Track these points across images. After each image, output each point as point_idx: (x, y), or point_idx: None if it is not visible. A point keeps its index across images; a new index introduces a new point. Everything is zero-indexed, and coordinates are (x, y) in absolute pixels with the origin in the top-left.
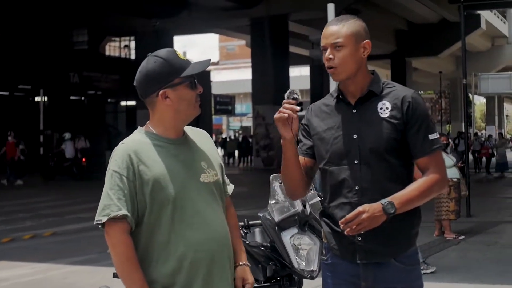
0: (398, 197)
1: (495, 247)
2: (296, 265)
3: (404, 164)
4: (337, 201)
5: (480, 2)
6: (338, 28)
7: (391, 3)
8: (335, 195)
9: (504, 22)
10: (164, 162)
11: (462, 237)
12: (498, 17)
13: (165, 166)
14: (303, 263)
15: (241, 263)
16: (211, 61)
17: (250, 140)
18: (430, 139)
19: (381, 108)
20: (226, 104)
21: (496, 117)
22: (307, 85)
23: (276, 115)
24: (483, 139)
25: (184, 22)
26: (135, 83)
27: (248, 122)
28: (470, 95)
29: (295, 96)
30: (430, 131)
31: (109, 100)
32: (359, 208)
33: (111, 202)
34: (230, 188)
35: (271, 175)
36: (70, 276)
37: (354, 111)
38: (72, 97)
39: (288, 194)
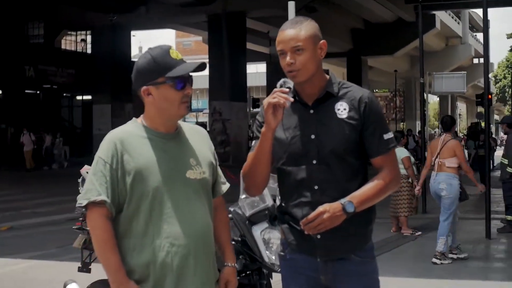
0: (357, 196)
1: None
2: (266, 259)
3: (361, 163)
4: (296, 200)
5: (437, 2)
6: (296, 31)
7: (348, 2)
8: (293, 194)
9: (458, 23)
10: (149, 154)
11: (419, 232)
12: (452, 17)
13: (149, 158)
14: (273, 257)
15: (228, 264)
16: (197, 65)
17: None
18: (385, 138)
19: (338, 109)
20: None
21: None
22: (263, 82)
23: (271, 100)
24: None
25: (142, 17)
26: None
27: (204, 118)
28: (424, 94)
29: (289, 85)
30: (385, 131)
31: (64, 94)
32: (320, 208)
33: (92, 187)
34: (225, 187)
35: (241, 172)
36: (30, 271)
37: (311, 112)
38: (27, 91)
39: (250, 190)
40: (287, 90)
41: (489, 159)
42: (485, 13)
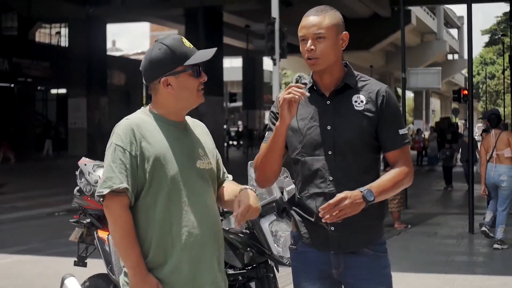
0: (375, 186)
1: (435, 238)
2: (275, 252)
3: (375, 158)
4: (310, 191)
5: None
6: (320, 19)
7: None
8: (307, 185)
9: (434, 19)
10: (165, 142)
11: (410, 226)
12: (427, 13)
13: (165, 145)
14: (281, 250)
15: (245, 187)
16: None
17: None
18: (401, 133)
19: (355, 101)
20: None
21: (424, 112)
22: (239, 77)
23: (286, 96)
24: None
25: (118, 10)
26: (140, 68)
27: None
28: (399, 89)
29: (304, 81)
30: (401, 126)
31: (39, 87)
32: (341, 195)
33: (113, 175)
34: (229, 178)
35: (249, 162)
36: (15, 266)
37: (328, 102)
38: (1, 84)
39: (260, 181)
40: (303, 85)
41: (472, 154)
42: (469, 9)
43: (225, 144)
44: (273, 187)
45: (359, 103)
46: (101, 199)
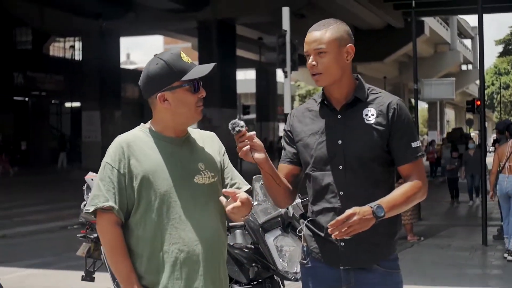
0: (386, 202)
1: (448, 250)
2: (280, 267)
3: (388, 170)
4: (320, 206)
5: (429, 8)
6: (321, 33)
7: (337, 9)
8: (318, 200)
9: (447, 29)
10: (156, 159)
11: (422, 238)
12: (441, 24)
13: (156, 162)
14: (286, 265)
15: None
16: (213, 66)
17: None
18: (413, 146)
19: (366, 115)
20: None
21: (438, 123)
22: (252, 89)
23: (240, 152)
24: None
25: (131, 24)
26: (139, 83)
27: (193, 125)
28: (413, 100)
29: (239, 128)
30: (413, 138)
31: (53, 101)
32: (350, 211)
33: (99, 193)
34: (245, 189)
35: (254, 177)
36: (26, 280)
37: (339, 116)
38: (15, 98)
39: (275, 204)
40: (242, 133)
41: (484, 167)
42: (480, 19)
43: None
44: None
45: (369, 117)
46: (93, 216)
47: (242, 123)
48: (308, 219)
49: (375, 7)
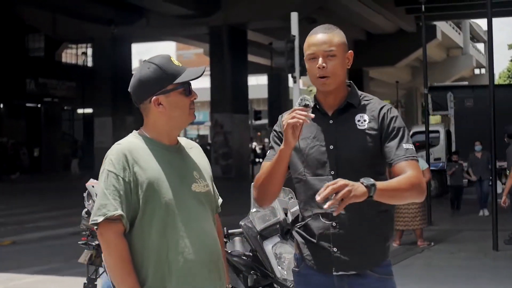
0: (379, 183)
1: (459, 255)
2: (278, 275)
3: (379, 177)
4: (311, 211)
5: (439, 12)
6: (330, 36)
7: (350, 14)
8: (310, 205)
9: (459, 33)
10: (157, 166)
11: (433, 244)
12: (453, 28)
13: (158, 170)
14: (285, 272)
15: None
16: (204, 69)
17: (208, 148)
18: (405, 147)
19: (358, 120)
20: None
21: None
22: (264, 94)
23: (291, 120)
24: None
25: (142, 30)
26: (129, 89)
27: (205, 130)
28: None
29: (307, 103)
30: (405, 140)
31: (65, 107)
32: (341, 181)
33: (107, 202)
34: (219, 202)
35: (252, 184)
36: (35, 286)
37: (331, 122)
38: (28, 104)
39: (259, 200)
40: (306, 108)
41: (495, 171)
42: (489, 23)
43: (251, 162)
44: (277, 208)
45: (362, 122)
46: (96, 227)
47: (310, 101)
48: (299, 225)
49: (387, 12)
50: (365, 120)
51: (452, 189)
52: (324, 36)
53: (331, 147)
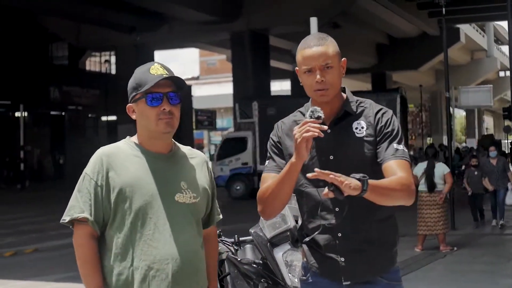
0: (371, 180)
1: (481, 260)
2: (289, 282)
3: None
4: (315, 223)
5: (460, 15)
6: (325, 48)
7: (372, 17)
8: (313, 217)
9: (483, 36)
10: (135, 172)
11: (455, 248)
12: (477, 30)
13: (135, 176)
14: (296, 280)
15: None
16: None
17: None
18: (395, 147)
19: (356, 128)
20: (207, 119)
21: (476, 130)
22: None
23: (306, 134)
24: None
25: (165, 37)
26: None
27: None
28: (450, 108)
29: (319, 114)
30: (397, 141)
31: (89, 115)
32: (337, 174)
33: (76, 204)
34: (218, 218)
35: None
36: None
37: (329, 131)
38: (52, 112)
39: (267, 213)
40: (319, 120)
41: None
42: (510, 25)
43: None
44: (287, 216)
45: (359, 130)
46: (70, 226)
47: (321, 112)
48: (306, 239)
49: (409, 15)
50: (362, 127)
51: (471, 198)
52: (319, 49)
53: (331, 157)
